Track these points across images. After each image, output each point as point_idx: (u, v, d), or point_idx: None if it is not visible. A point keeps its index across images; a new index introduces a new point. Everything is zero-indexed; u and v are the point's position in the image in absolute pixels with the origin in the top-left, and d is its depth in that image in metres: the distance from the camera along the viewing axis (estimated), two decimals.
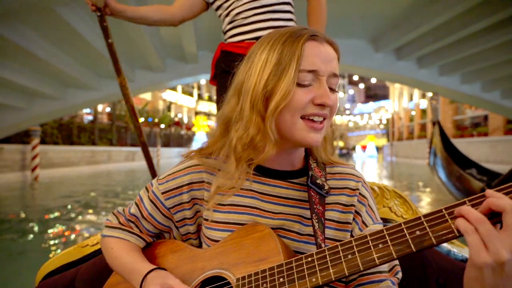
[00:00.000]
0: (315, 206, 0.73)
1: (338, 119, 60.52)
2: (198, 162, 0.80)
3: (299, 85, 0.69)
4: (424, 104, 23.11)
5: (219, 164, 0.77)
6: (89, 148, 14.93)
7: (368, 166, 21.65)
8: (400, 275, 0.74)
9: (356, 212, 0.77)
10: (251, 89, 0.71)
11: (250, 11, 1.48)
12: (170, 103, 28.80)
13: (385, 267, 0.73)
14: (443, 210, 0.54)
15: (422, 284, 0.97)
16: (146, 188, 0.84)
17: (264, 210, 0.76)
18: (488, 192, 0.54)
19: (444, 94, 10.92)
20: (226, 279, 0.69)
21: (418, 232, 0.55)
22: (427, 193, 8.71)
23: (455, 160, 5.05)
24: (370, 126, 55.20)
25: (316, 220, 0.71)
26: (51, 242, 4.42)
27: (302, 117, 0.71)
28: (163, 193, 0.80)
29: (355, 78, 14.84)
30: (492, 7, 5.64)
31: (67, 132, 13.79)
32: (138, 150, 17.53)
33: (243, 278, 0.66)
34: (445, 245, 1.06)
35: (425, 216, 0.55)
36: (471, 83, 9.06)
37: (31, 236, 4.78)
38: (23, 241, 4.53)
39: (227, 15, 1.54)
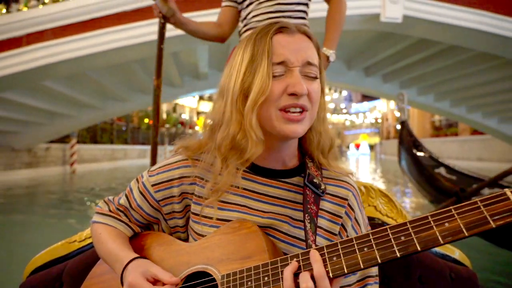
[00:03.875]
0: (308, 206, 0.71)
1: (335, 118, 62.77)
2: (186, 157, 0.80)
3: (272, 77, 0.70)
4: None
5: (208, 162, 0.77)
6: (109, 146, 17.18)
7: (356, 163, 23.76)
8: None
9: (343, 225, 0.76)
10: (231, 89, 0.72)
11: (265, 14, 1.51)
12: (176, 104, 30.94)
13: (353, 279, 0.74)
14: (429, 217, 0.55)
15: (405, 281, 0.99)
16: (137, 179, 0.84)
17: (253, 209, 0.75)
18: (311, 254, 0.60)
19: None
20: (211, 275, 0.69)
21: (403, 238, 0.55)
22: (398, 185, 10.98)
23: (424, 160, 5.06)
24: (365, 125, 57.33)
25: (308, 220, 0.70)
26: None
27: (280, 110, 0.70)
28: (153, 185, 0.80)
29: None
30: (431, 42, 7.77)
31: (92, 133, 16.10)
32: (149, 148, 19.73)
33: (228, 275, 0.66)
34: None
35: (411, 222, 0.56)
36: (426, 95, 11.31)
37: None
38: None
39: (245, 17, 1.58)
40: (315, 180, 0.74)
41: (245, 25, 1.59)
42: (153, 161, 2.00)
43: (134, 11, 5.09)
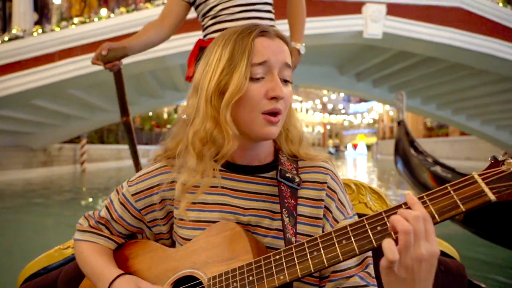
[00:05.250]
0: (285, 200, 0.73)
1: (333, 118, 63.55)
2: (166, 164, 0.81)
3: (252, 79, 0.71)
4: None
5: (182, 159, 0.77)
6: (115, 146, 18.01)
7: (354, 162, 24.55)
8: (371, 268, 0.74)
9: (326, 207, 0.76)
10: (205, 86, 0.72)
11: (236, 7, 1.49)
12: (177, 105, 31.74)
13: (351, 262, 0.72)
14: (403, 206, 0.57)
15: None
16: (117, 191, 0.84)
17: (234, 206, 0.76)
18: (407, 198, 0.57)
19: (393, 106, 14.14)
20: (198, 279, 0.70)
21: (379, 228, 0.56)
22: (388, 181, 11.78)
23: (420, 159, 4.99)
24: (363, 125, 58.18)
25: (287, 215, 0.71)
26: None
27: (263, 114, 0.71)
28: (133, 195, 0.80)
29: None
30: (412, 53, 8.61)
31: (100, 134, 16.93)
32: (152, 148, 20.52)
33: (214, 277, 0.67)
34: None
35: (386, 211, 0.57)
36: (413, 98, 12.13)
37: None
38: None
39: (210, 10, 1.53)
40: (287, 175, 0.75)
41: (212, 18, 1.55)
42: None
43: None
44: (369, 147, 44.31)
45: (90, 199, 7.43)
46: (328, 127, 64.36)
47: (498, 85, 9.20)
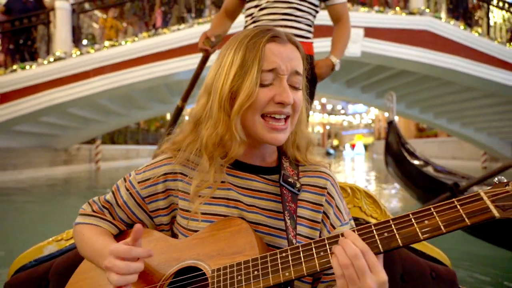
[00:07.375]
0: (287, 204, 0.75)
1: (333, 118, 64.40)
2: (171, 155, 0.84)
3: (261, 85, 0.72)
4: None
5: (191, 157, 0.80)
6: (124, 146, 19.21)
7: (352, 162, 25.54)
8: None
9: (325, 213, 0.79)
10: (219, 89, 0.74)
11: (279, 15, 1.55)
12: None
13: None
14: (410, 215, 0.60)
15: (388, 280, 1.04)
16: (124, 178, 0.86)
17: (239, 202, 0.78)
18: (346, 234, 0.62)
19: (380, 109, 15.40)
20: (201, 270, 0.70)
21: (386, 234, 0.60)
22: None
23: (412, 159, 5.11)
24: (363, 125, 59.14)
25: (288, 217, 0.73)
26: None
27: (263, 116, 0.73)
28: (139, 182, 0.83)
29: None
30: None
31: (111, 135, 18.16)
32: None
33: (218, 270, 0.68)
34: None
35: (394, 219, 0.61)
36: (398, 103, 13.26)
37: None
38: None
39: (255, 11, 1.61)
40: (289, 180, 0.78)
41: (254, 21, 1.64)
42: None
43: (165, 52, 7.20)
44: (367, 147, 45.29)
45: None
46: (328, 127, 65.30)
47: (466, 94, 10.46)
